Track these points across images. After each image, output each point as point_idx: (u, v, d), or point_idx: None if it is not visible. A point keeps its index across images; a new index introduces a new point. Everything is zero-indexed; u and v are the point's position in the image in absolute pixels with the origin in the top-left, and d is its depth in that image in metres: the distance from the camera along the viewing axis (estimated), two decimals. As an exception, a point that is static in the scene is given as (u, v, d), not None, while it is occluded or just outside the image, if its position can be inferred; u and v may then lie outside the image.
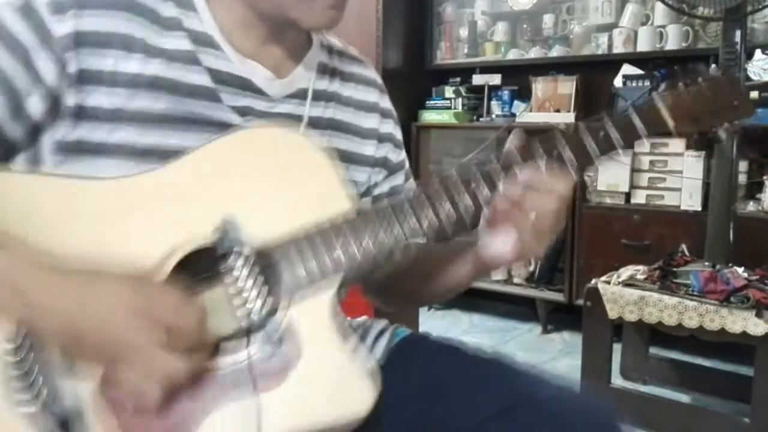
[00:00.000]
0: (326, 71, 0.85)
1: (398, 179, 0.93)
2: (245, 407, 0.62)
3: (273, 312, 0.65)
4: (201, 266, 0.66)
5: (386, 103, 0.93)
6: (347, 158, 0.85)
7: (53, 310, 0.58)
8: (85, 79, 0.68)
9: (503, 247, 0.73)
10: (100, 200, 0.65)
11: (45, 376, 0.61)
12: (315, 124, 0.82)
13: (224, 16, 0.75)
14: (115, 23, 0.69)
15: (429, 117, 3.30)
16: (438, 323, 3.04)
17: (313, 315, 0.66)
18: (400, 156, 0.93)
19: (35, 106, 0.67)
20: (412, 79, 3.41)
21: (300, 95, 0.81)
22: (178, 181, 0.66)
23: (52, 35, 0.66)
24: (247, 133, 0.70)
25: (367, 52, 3.18)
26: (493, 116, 3.19)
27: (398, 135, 0.93)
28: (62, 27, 0.66)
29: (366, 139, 0.88)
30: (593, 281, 2.06)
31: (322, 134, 0.82)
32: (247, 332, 0.64)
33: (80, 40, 0.67)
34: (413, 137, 3.26)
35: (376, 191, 0.90)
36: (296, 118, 0.80)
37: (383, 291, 0.94)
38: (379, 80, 0.94)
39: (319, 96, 0.83)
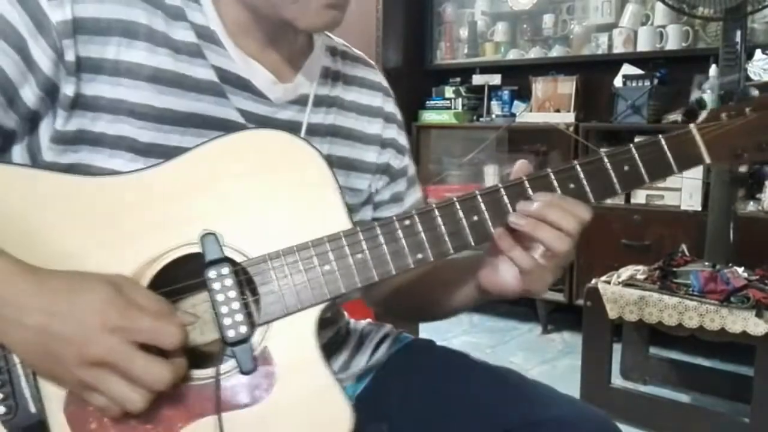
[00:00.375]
0: (329, 75, 0.82)
1: (400, 186, 0.90)
2: (209, 424, 0.60)
3: (248, 331, 0.62)
4: (187, 272, 0.63)
5: (391, 107, 0.89)
6: (348, 165, 0.83)
7: (25, 325, 0.55)
8: (84, 67, 0.65)
9: (507, 283, 0.70)
10: (92, 199, 0.63)
11: (20, 376, 0.59)
12: (315, 131, 0.79)
13: (226, 14, 0.72)
14: (115, 9, 0.66)
15: (429, 117, 3.30)
16: (438, 323, 3.03)
17: (294, 333, 0.63)
18: (402, 162, 0.90)
19: (31, 94, 0.65)
20: (412, 79, 3.41)
21: (302, 101, 0.78)
22: (173, 182, 0.64)
23: (49, 22, 0.63)
24: (249, 136, 0.67)
25: (367, 52, 3.15)
26: (493, 116, 3.19)
27: (401, 140, 0.90)
28: (59, 13, 0.63)
29: (368, 145, 0.85)
30: (593, 281, 2.06)
31: (322, 141, 0.80)
32: (220, 349, 0.62)
33: (78, 27, 0.64)
34: (413, 137, 3.26)
35: (377, 198, 0.88)
36: (297, 125, 0.77)
37: (384, 306, 0.93)
38: (385, 83, 0.91)
39: (321, 102, 0.80)
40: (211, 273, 0.62)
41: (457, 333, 2.93)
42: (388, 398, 0.81)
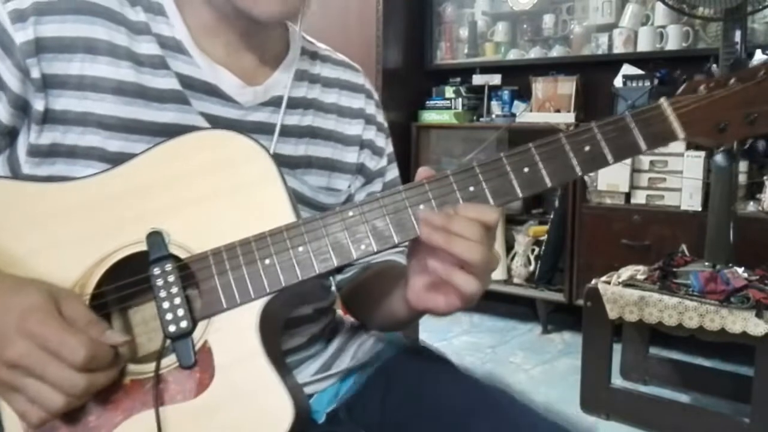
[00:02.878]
0: (305, 77, 0.84)
1: (375, 187, 0.90)
2: (148, 419, 0.61)
3: (189, 325, 0.63)
4: (136, 271, 0.65)
5: (372, 109, 0.90)
6: (329, 166, 0.84)
7: None
8: (51, 83, 0.69)
9: (436, 303, 0.66)
10: (42, 202, 0.65)
11: None
12: (290, 132, 0.80)
13: (194, 22, 0.75)
14: (77, 27, 0.70)
15: (429, 117, 3.30)
16: (438, 323, 3.04)
17: (235, 328, 0.64)
18: (379, 164, 0.90)
19: (4, 111, 0.69)
20: (412, 79, 3.41)
21: (274, 103, 0.79)
22: (122, 185, 0.66)
23: (13, 43, 0.67)
24: (197, 137, 0.69)
25: (367, 52, 3.18)
26: (493, 116, 3.19)
27: (379, 142, 0.90)
28: (22, 35, 0.67)
29: (349, 146, 0.87)
30: (593, 281, 2.06)
31: (298, 142, 0.81)
32: (161, 344, 0.63)
33: (41, 47, 0.68)
34: (413, 137, 3.26)
35: (355, 198, 0.88)
36: (268, 127, 0.78)
37: (345, 306, 0.93)
38: (368, 86, 0.92)
39: (297, 103, 0.82)
40: (155, 269, 0.63)
41: (457, 333, 2.93)
42: (370, 404, 0.81)
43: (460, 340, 2.85)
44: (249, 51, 0.78)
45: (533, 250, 3.00)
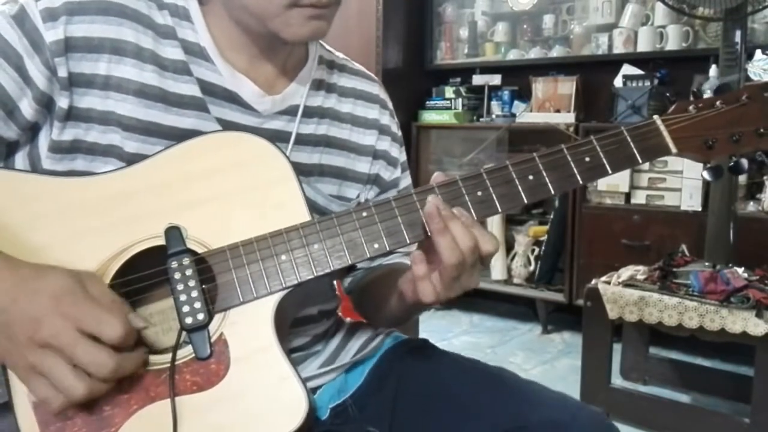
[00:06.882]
0: (322, 87, 0.85)
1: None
2: (163, 409, 0.62)
3: (205, 318, 0.64)
4: (154, 265, 0.66)
5: (386, 119, 0.91)
6: (341, 175, 0.85)
7: None
8: (77, 82, 0.70)
9: (424, 287, 0.68)
10: (64, 196, 0.66)
11: None
12: (305, 140, 0.82)
13: (218, 31, 0.77)
14: (105, 29, 0.71)
15: (429, 117, 3.30)
16: (438, 323, 3.04)
17: (250, 321, 0.65)
18: (393, 174, 0.92)
19: (29, 107, 0.70)
20: (412, 79, 3.41)
21: (291, 112, 0.81)
22: (142, 181, 0.68)
23: (43, 42, 0.69)
24: (215, 138, 0.71)
25: (367, 52, 3.18)
26: (493, 116, 3.19)
27: (394, 152, 0.92)
28: (52, 34, 0.69)
29: (361, 156, 0.88)
30: (593, 281, 2.06)
31: (313, 151, 0.82)
32: (178, 336, 0.64)
33: (70, 46, 0.70)
34: (413, 137, 3.26)
35: None
36: (285, 135, 0.80)
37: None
38: (383, 95, 0.93)
39: (312, 112, 0.83)
40: (173, 263, 0.65)
41: (457, 333, 2.94)
42: (381, 399, 0.82)
43: (460, 340, 2.86)
44: (270, 62, 0.79)
45: (533, 250, 3.00)
